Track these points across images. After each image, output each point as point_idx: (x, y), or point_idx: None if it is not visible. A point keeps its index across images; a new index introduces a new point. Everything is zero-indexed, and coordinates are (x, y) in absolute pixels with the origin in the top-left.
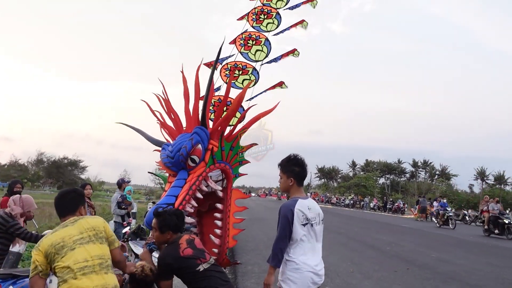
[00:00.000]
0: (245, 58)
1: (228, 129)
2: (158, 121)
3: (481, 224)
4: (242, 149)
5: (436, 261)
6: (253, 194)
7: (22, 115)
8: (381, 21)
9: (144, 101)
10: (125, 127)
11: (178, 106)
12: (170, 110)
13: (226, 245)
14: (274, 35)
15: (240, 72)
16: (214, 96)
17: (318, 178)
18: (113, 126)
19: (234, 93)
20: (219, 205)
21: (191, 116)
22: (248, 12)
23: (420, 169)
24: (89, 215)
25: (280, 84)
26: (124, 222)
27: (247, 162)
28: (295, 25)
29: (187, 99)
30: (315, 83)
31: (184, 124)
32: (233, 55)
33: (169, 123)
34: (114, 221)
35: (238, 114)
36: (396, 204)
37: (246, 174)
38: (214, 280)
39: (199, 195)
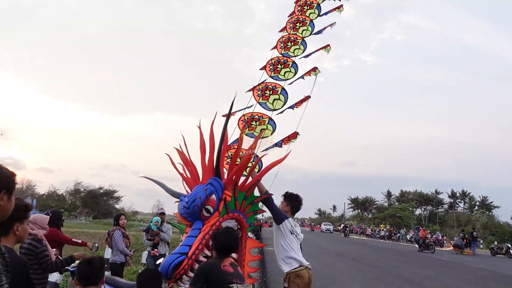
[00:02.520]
0: (263, 107)
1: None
2: (180, 174)
3: None
4: (256, 199)
5: None
6: None
7: (62, 148)
8: (413, 51)
9: (168, 154)
10: (160, 157)
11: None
12: (186, 163)
13: None
14: (289, 84)
15: (257, 123)
16: (231, 149)
17: (352, 209)
18: (147, 157)
19: (249, 142)
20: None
21: (206, 168)
22: (266, 64)
23: (459, 200)
24: None
25: (294, 136)
26: (152, 252)
27: (262, 211)
28: (308, 73)
29: (203, 152)
30: (348, 113)
31: (200, 175)
32: (251, 106)
33: (188, 175)
34: (148, 251)
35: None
36: (434, 236)
37: (260, 223)
38: None
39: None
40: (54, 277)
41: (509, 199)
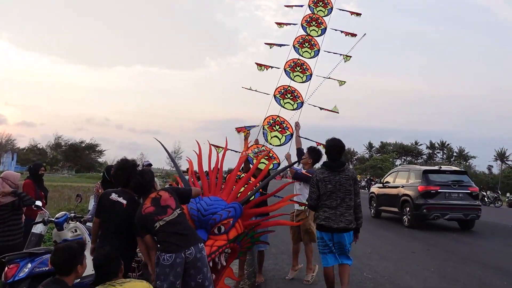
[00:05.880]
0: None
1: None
2: (189, 171)
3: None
4: (257, 241)
5: (456, 242)
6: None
7: (44, 102)
8: (395, 2)
9: (196, 150)
10: (143, 110)
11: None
12: (216, 172)
13: None
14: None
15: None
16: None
17: None
18: (130, 110)
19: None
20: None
21: (231, 188)
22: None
23: (437, 151)
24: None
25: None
26: None
27: (250, 250)
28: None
29: (237, 169)
30: (331, 66)
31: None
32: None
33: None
34: None
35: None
36: None
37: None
38: (164, 235)
39: (210, 263)
40: (38, 228)
41: (485, 149)
